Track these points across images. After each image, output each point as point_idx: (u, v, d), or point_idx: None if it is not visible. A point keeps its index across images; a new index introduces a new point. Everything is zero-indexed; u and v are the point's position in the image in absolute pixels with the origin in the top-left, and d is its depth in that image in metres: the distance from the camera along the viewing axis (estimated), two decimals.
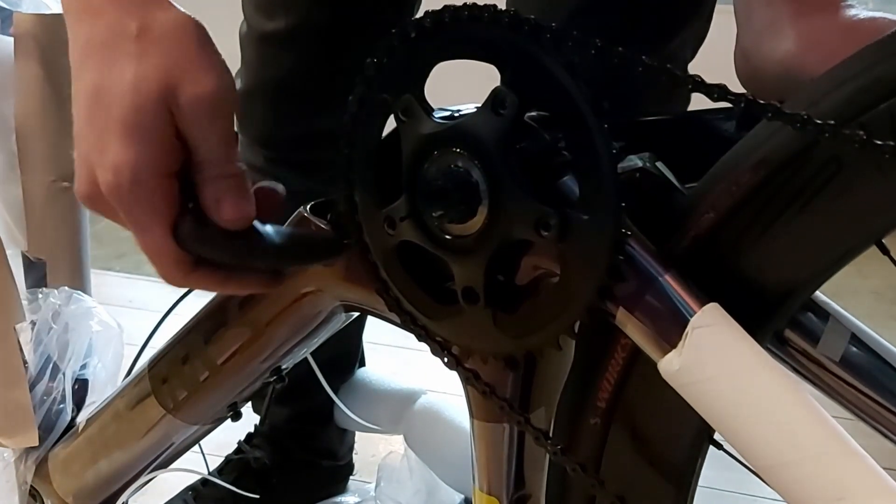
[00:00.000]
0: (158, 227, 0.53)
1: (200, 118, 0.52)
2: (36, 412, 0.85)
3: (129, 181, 0.51)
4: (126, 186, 0.51)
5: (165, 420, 0.76)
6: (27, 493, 0.88)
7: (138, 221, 0.53)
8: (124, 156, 0.51)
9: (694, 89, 0.47)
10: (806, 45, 0.63)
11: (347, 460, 1.47)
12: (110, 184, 0.52)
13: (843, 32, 0.62)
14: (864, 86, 0.46)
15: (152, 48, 0.52)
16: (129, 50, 0.52)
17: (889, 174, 0.46)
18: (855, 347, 0.58)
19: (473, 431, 0.63)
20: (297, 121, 1.14)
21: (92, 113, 0.52)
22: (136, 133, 0.51)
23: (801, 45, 0.63)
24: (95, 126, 0.52)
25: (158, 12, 0.53)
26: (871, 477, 0.44)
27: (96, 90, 0.52)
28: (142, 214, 0.52)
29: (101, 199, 0.53)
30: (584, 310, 0.51)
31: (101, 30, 0.53)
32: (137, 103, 0.51)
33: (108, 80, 0.52)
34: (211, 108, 0.52)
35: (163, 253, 0.54)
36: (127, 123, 0.51)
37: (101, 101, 0.52)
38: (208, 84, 0.52)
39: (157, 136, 0.51)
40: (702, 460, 0.57)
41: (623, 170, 0.55)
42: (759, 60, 0.66)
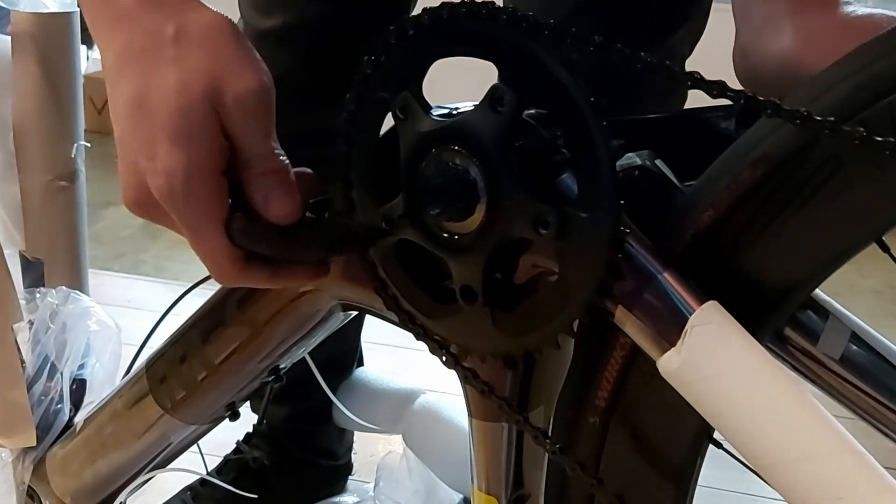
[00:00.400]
0: (213, 228, 0.53)
1: (246, 115, 0.52)
2: (34, 412, 0.85)
3: (182, 184, 0.51)
4: (179, 190, 0.51)
5: (163, 420, 0.76)
6: (25, 494, 0.88)
7: (193, 224, 0.53)
8: (176, 160, 0.51)
9: (693, 86, 0.47)
10: (803, 41, 0.63)
11: (346, 460, 1.47)
12: (163, 189, 0.52)
13: (841, 29, 0.61)
14: (864, 82, 0.46)
15: (192, 51, 0.52)
16: (169, 55, 0.52)
17: (889, 171, 0.46)
18: (855, 346, 0.58)
19: (472, 431, 0.62)
20: (295, 118, 1.13)
21: (136, 121, 0.52)
22: (184, 136, 0.51)
23: (798, 41, 0.63)
24: (141, 134, 0.52)
25: (192, 14, 0.53)
26: (871, 475, 0.44)
27: (139, 98, 0.52)
28: (196, 216, 0.52)
29: (152, 205, 0.53)
30: (583, 308, 0.51)
31: (137, 37, 0.53)
32: (183, 107, 0.51)
33: (150, 87, 0.52)
34: (255, 105, 0.52)
35: (217, 252, 0.54)
36: (175, 128, 0.51)
37: (145, 108, 0.52)
38: (251, 81, 0.52)
39: (207, 137, 0.51)
40: (701, 459, 0.57)
41: (622, 168, 0.54)
42: (757, 57, 0.66)
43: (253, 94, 0.52)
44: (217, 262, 0.54)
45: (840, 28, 0.61)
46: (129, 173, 0.53)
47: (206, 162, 0.52)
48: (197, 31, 0.53)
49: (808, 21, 0.63)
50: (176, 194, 0.51)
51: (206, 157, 0.52)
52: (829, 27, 0.62)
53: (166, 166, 0.51)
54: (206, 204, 0.52)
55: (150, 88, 0.52)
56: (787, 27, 0.64)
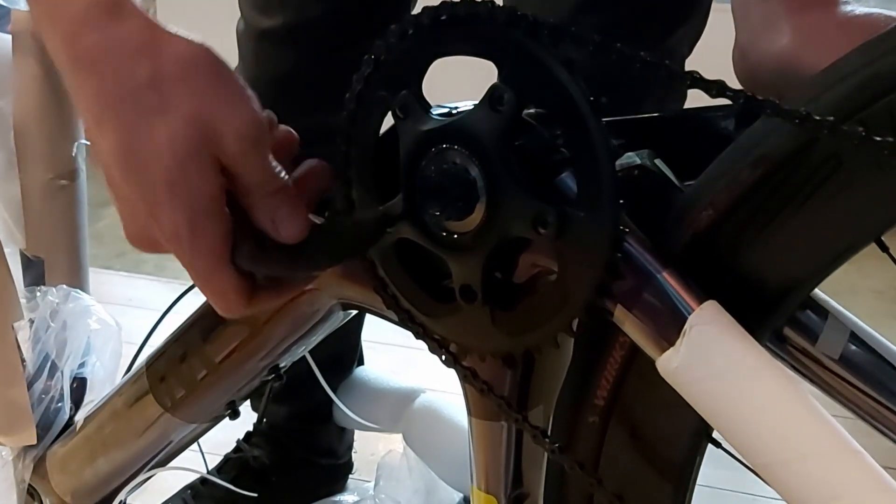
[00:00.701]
0: (220, 268, 0.52)
1: (247, 148, 0.51)
2: (34, 410, 0.85)
3: (189, 235, 0.50)
4: (187, 241, 0.50)
5: (163, 418, 0.76)
6: (25, 492, 0.88)
7: (200, 268, 0.52)
8: (179, 214, 0.50)
9: (692, 85, 0.47)
10: (802, 41, 0.63)
11: (346, 459, 1.47)
12: (171, 240, 0.50)
13: (840, 28, 0.61)
14: (864, 82, 0.46)
15: (175, 94, 0.49)
16: (150, 104, 0.49)
17: (889, 171, 0.46)
18: (854, 346, 0.58)
19: (471, 430, 0.62)
20: (296, 118, 1.13)
21: (129, 175, 0.50)
22: (184, 190, 0.49)
23: (797, 41, 0.63)
24: (137, 187, 0.50)
25: (164, 47, 0.50)
26: (869, 475, 0.44)
27: (126, 152, 0.49)
28: (204, 261, 0.51)
29: (155, 244, 0.52)
30: (583, 307, 0.51)
31: (108, 82, 0.49)
32: (179, 161, 0.49)
33: (136, 141, 0.49)
34: (255, 137, 0.51)
35: (226, 290, 0.53)
36: (172, 183, 0.49)
37: (135, 163, 0.49)
38: (244, 116, 0.50)
39: (207, 185, 0.50)
40: (700, 458, 0.57)
41: (622, 167, 0.54)
42: (756, 57, 0.66)
43: (251, 127, 0.50)
44: (226, 300, 0.53)
45: (839, 28, 0.61)
46: (129, 215, 0.52)
47: (209, 208, 0.50)
48: (174, 69, 0.49)
49: (806, 21, 0.63)
50: (183, 244, 0.50)
51: (209, 203, 0.50)
52: (827, 27, 0.62)
53: (170, 220, 0.50)
54: (212, 246, 0.51)
55: (138, 143, 0.49)
56: (786, 27, 0.63)
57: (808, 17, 0.63)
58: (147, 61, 0.49)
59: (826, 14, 0.62)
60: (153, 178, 0.49)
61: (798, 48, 0.62)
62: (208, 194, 0.50)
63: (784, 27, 0.64)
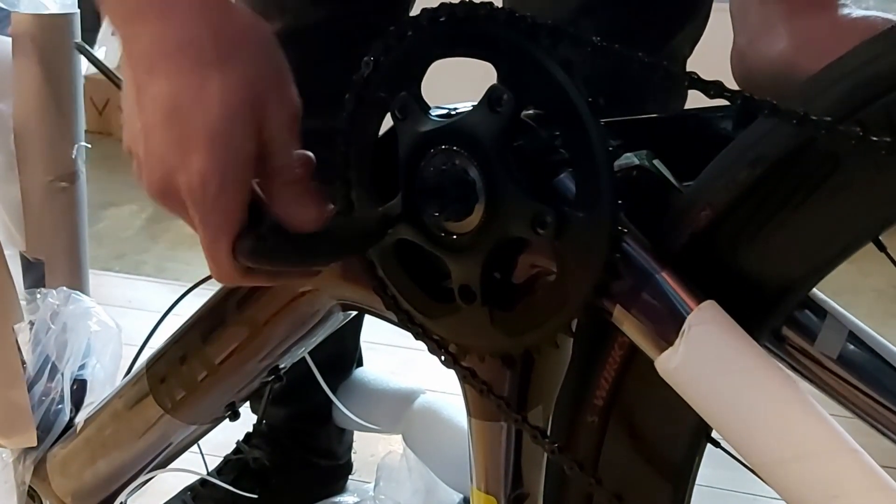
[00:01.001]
0: (229, 233, 0.53)
1: (285, 130, 0.52)
2: (34, 412, 0.85)
3: (217, 189, 0.51)
4: (212, 194, 0.51)
5: (163, 420, 0.76)
6: (25, 494, 0.88)
7: (213, 226, 0.52)
8: (212, 165, 0.50)
9: (691, 86, 0.47)
10: (799, 43, 0.63)
11: (346, 460, 1.47)
12: (195, 190, 0.51)
13: (837, 31, 0.61)
14: (861, 82, 0.46)
15: (234, 56, 0.51)
16: (209, 58, 0.50)
17: (886, 171, 0.46)
18: (852, 345, 0.58)
19: (471, 430, 0.63)
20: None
21: (171, 120, 0.51)
22: (224, 143, 0.50)
23: (794, 43, 0.63)
24: (175, 132, 0.51)
25: (234, 15, 0.52)
26: (868, 475, 0.44)
27: (175, 97, 0.50)
28: (219, 221, 0.52)
29: (174, 197, 0.53)
30: (581, 308, 0.51)
31: (172, 30, 0.51)
32: (227, 114, 0.50)
33: (190, 87, 0.50)
34: (293, 119, 0.53)
35: (226, 256, 0.53)
36: (215, 133, 0.50)
37: (183, 109, 0.50)
38: (291, 100, 0.53)
39: (245, 147, 0.51)
40: (699, 458, 0.57)
41: (620, 167, 0.55)
42: (754, 59, 0.66)
43: (295, 111, 0.53)
44: (222, 265, 0.54)
45: (835, 30, 0.62)
46: (156, 164, 0.53)
47: (241, 171, 0.51)
48: (238, 33, 0.51)
49: (803, 23, 0.63)
50: (207, 197, 0.51)
51: (242, 165, 0.51)
52: (823, 29, 0.62)
53: (202, 170, 0.50)
54: (231, 211, 0.52)
55: (191, 89, 0.50)
56: (783, 29, 0.64)
57: (804, 21, 0.63)
58: (215, 17, 0.51)
59: (823, 17, 0.63)
60: (197, 124, 0.50)
61: (795, 51, 0.63)
62: (245, 154, 0.51)
63: (781, 30, 0.64)
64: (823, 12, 0.63)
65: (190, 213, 0.53)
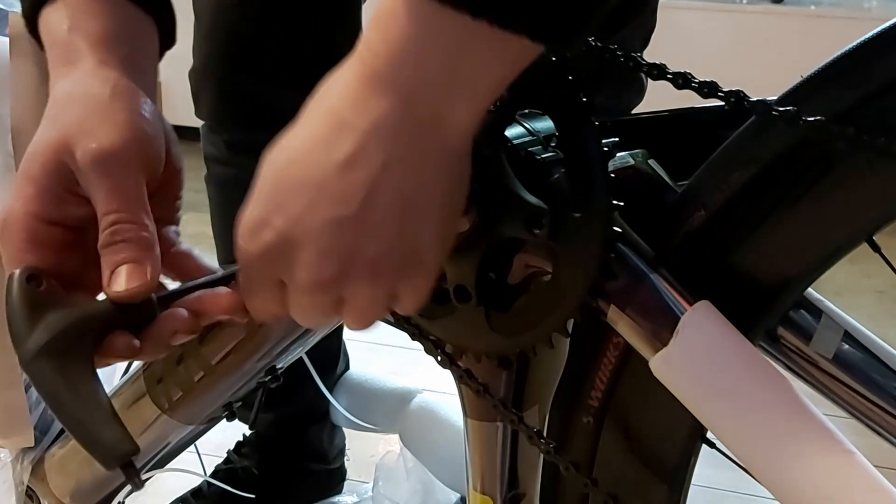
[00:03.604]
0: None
1: (92, 171, 0.51)
2: (31, 413, 0.85)
3: (2, 220, 0.51)
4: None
5: (161, 420, 0.76)
6: (24, 494, 0.88)
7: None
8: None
9: (684, 86, 0.47)
10: None
11: (339, 464, 1.46)
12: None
13: None
14: (855, 83, 0.46)
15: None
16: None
17: (879, 171, 0.46)
18: (848, 345, 0.58)
19: (467, 430, 0.63)
20: (250, 94, 1.13)
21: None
22: (21, 178, 0.52)
23: None
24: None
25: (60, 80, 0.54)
26: (862, 475, 0.44)
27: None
28: (4, 254, 0.52)
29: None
30: (576, 308, 0.51)
31: (52, 95, 0.55)
32: (30, 153, 0.52)
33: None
34: (104, 161, 0.51)
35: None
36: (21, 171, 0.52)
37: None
38: (104, 139, 0.51)
39: (42, 184, 0.51)
40: (695, 459, 0.57)
41: (615, 167, 0.55)
42: None
43: (103, 151, 0.51)
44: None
45: None
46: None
47: (24, 206, 0.51)
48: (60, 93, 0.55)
49: None
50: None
51: (28, 200, 0.51)
52: None
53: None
54: (8, 246, 0.51)
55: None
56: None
57: None
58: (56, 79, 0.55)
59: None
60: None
61: None
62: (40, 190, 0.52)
63: None
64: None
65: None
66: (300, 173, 0.45)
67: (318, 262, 0.45)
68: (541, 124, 0.53)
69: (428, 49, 0.42)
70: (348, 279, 0.46)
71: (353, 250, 0.45)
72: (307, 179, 0.45)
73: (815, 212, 0.48)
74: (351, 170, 0.44)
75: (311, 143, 0.45)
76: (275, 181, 0.47)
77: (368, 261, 0.45)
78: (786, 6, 2.69)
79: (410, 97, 0.43)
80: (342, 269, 0.46)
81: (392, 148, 0.44)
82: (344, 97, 0.44)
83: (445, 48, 0.42)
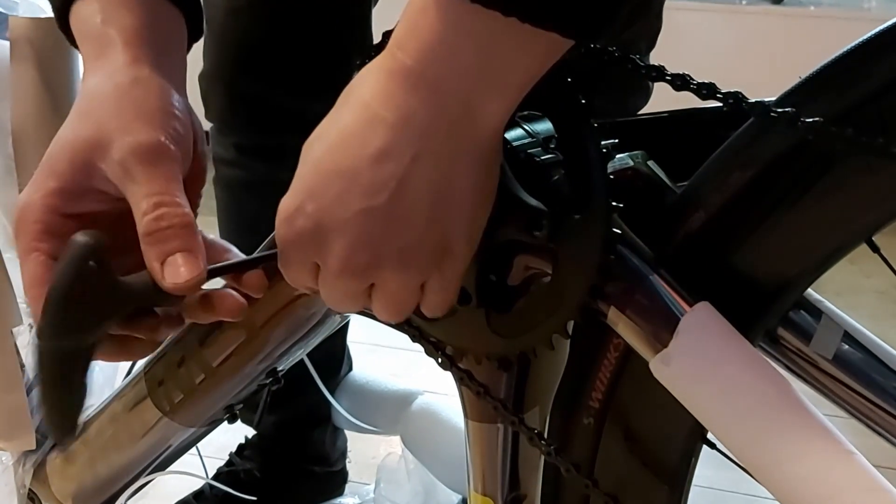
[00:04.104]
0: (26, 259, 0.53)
1: (133, 163, 0.52)
2: (33, 416, 0.85)
3: (19, 209, 0.53)
4: (16, 215, 0.53)
5: (162, 423, 0.76)
6: (26, 497, 0.88)
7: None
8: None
9: (683, 88, 0.47)
10: None
11: (341, 466, 1.46)
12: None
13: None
14: (853, 84, 0.46)
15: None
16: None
17: (878, 172, 0.46)
18: (848, 345, 0.58)
19: (468, 432, 0.63)
20: (259, 98, 1.13)
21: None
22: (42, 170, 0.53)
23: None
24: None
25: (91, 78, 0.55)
26: (862, 475, 0.44)
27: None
28: (17, 242, 0.53)
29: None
30: (576, 309, 0.51)
31: (83, 87, 0.56)
32: (59, 148, 0.53)
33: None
34: (144, 154, 0.52)
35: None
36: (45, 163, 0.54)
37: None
38: (141, 134, 0.52)
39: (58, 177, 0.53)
40: (695, 460, 0.57)
41: (615, 169, 0.55)
42: None
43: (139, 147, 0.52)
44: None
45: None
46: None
47: (43, 198, 0.53)
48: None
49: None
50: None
51: (49, 193, 0.53)
52: None
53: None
54: (22, 235, 0.53)
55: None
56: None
57: None
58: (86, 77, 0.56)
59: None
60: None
61: None
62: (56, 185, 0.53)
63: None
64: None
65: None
66: (333, 164, 0.47)
67: (349, 249, 0.47)
68: (540, 126, 0.53)
69: (458, 46, 0.43)
70: (378, 268, 0.48)
71: (383, 240, 0.47)
72: (340, 170, 0.46)
73: (814, 213, 0.48)
74: (382, 162, 0.45)
75: (344, 136, 0.46)
76: (310, 170, 0.48)
77: (398, 250, 0.47)
78: (786, 6, 2.69)
79: (441, 92, 0.44)
80: (372, 257, 0.47)
81: (422, 142, 0.45)
82: (375, 92, 0.45)
83: (476, 44, 0.43)
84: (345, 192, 0.46)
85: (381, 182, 0.45)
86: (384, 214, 0.46)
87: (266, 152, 1.16)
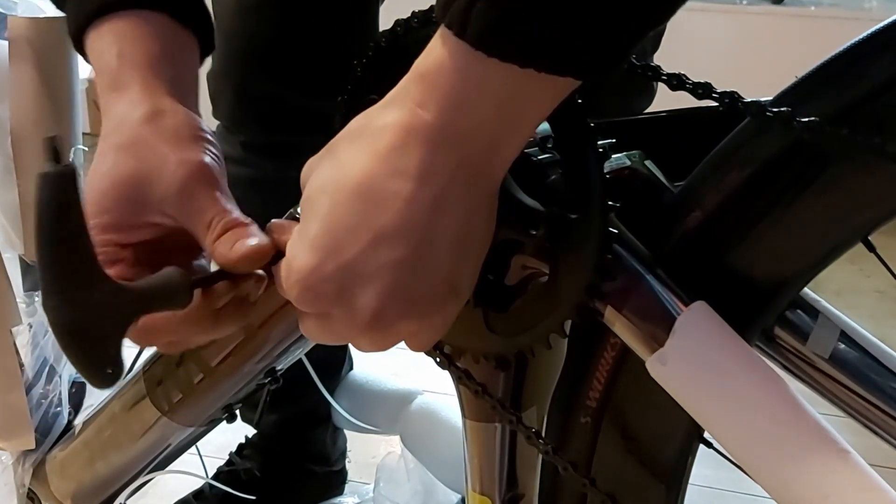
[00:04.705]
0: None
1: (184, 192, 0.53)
2: (32, 415, 0.86)
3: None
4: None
5: (161, 422, 0.76)
6: (25, 496, 0.88)
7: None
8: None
9: (679, 87, 0.47)
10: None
11: (341, 466, 1.46)
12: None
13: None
14: (849, 83, 0.46)
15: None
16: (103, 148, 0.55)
17: (874, 171, 0.46)
18: (844, 345, 0.58)
19: (466, 431, 0.63)
20: (268, 97, 1.13)
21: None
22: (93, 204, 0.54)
23: None
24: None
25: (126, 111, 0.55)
26: (858, 475, 0.44)
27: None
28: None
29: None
30: (574, 309, 0.51)
31: (107, 120, 0.56)
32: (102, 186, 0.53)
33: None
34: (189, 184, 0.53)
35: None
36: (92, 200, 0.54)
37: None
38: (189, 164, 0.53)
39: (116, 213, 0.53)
40: (692, 458, 0.57)
41: (612, 168, 0.55)
42: None
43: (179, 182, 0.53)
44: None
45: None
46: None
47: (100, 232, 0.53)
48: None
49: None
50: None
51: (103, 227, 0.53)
52: None
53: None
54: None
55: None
56: None
57: None
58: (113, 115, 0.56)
59: None
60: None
61: None
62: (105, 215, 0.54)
63: None
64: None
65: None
66: (352, 218, 0.46)
67: (379, 302, 0.46)
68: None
69: (478, 100, 0.43)
70: (406, 318, 0.47)
71: (412, 288, 0.46)
72: (361, 224, 0.46)
73: (810, 212, 0.48)
74: (406, 213, 0.45)
75: (362, 190, 0.46)
76: (325, 227, 0.47)
77: (423, 297, 0.47)
78: (786, 6, 2.69)
79: (463, 146, 0.44)
80: (402, 307, 0.47)
81: (444, 190, 0.45)
82: (394, 146, 0.45)
83: (494, 96, 0.43)
84: (370, 246, 0.45)
85: (407, 232, 0.45)
86: (412, 264, 0.46)
87: (274, 150, 1.16)
